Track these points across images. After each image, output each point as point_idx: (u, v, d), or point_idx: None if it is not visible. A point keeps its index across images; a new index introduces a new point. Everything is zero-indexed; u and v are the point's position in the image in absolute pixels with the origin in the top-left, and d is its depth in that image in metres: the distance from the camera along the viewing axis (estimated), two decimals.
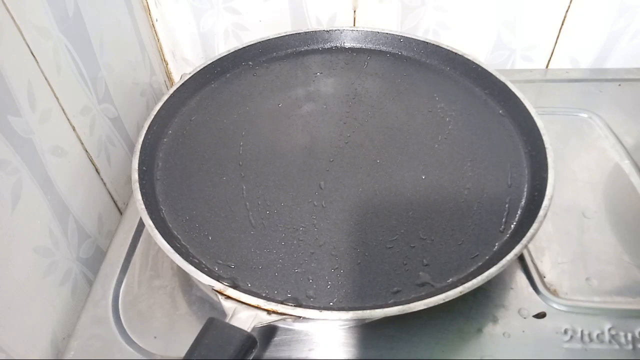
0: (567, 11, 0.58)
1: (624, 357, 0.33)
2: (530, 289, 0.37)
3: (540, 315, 0.35)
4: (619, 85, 0.57)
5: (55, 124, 0.40)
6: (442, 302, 0.30)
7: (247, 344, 0.28)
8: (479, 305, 0.36)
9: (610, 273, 0.38)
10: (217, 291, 0.31)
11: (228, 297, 0.31)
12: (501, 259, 0.31)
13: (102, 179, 0.47)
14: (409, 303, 0.30)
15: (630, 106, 0.54)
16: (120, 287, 0.40)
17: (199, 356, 0.27)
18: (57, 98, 0.40)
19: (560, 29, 0.59)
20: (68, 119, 0.41)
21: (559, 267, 0.38)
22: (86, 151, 0.44)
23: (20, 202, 0.35)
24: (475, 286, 0.30)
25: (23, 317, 0.35)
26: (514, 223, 0.36)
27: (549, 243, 0.40)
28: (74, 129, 0.42)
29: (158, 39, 0.63)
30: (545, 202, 0.35)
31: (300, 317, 0.30)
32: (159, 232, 0.34)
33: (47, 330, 0.38)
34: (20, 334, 0.35)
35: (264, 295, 0.32)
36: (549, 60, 0.63)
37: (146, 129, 0.42)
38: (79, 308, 0.39)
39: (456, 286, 0.31)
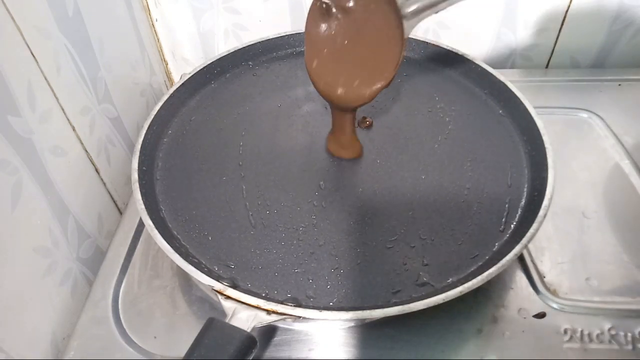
0: (567, 11, 0.58)
1: (624, 357, 0.33)
2: (530, 289, 0.37)
3: (540, 315, 0.35)
4: (619, 85, 0.57)
5: (55, 124, 0.40)
6: (442, 302, 0.30)
7: (247, 344, 0.28)
8: (478, 305, 0.36)
9: (610, 273, 0.38)
10: (216, 291, 0.31)
11: (228, 297, 0.31)
12: (501, 259, 0.31)
13: (102, 179, 0.47)
14: (408, 303, 0.30)
15: (630, 106, 0.54)
16: (120, 287, 0.40)
17: (198, 356, 0.27)
18: (57, 98, 0.40)
19: (560, 28, 0.59)
20: (68, 119, 0.41)
21: (558, 267, 0.38)
22: (86, 151, 0.44)
23: (20, 202, 0.35)
24: (475, 286, 0.30)
25: (23, 317, 0.35)
26: (514, 223, 0.36)
27: (548, 243, 0.40)
28: (73, 129, 0.42)
29: (158, 39, 0.64)
30: (545, 202, 0.35)
31: (300, 317, 0.30)
32: (159, 232, 0.34)
33: (47, 330, 0.38)
34: (20, 334, 0.35)
35: (263, 295, 0.32)
36: (549, 60, 0.63)
37: (146, 129, 0.42)
38: (79, 308, 0.39)
39: (456, 286, 0.31)
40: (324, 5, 0.34)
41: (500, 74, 0.46)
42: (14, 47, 0.35)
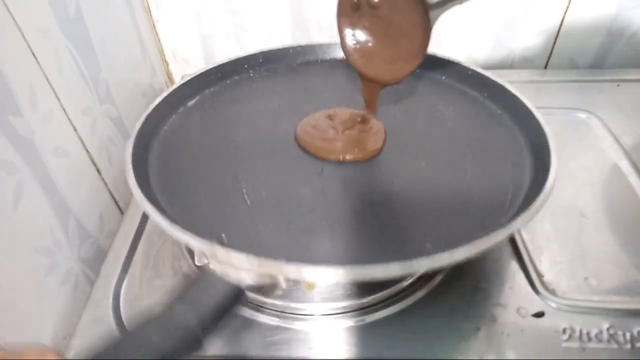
0: (565, 12, 0.58)
1: (623, 356, 0.33)
2: (529, 288, 0.37)
3: (539, 315, 0.36)
4: (618, 85, 0.57)
5: (57, 124, 0.40)
6: (446, 263, 0.28)
7: (232, 292, 0.27)
8: (477, 305, 0.36)
9: (608, 272, 0.38)
10: (204, 254, 0.29)
11: (216, 260, 0.29)
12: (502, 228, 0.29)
13: (103, 179, 0.47)
14: (408, 260, 0.28)
15: (628, 106, 0.54)
16: (121, 286, 0.40)
17: (183, 302, 0.26)
18: (58, 99, 0.40)
19: (559, 29, 0.59)
20: (69, 120, 0.42)
21: (557, 267, 0.38)
22: (87, 151, 0.44)
23: (22, 202, 0.35)
24: (470, 253, 0.28)
25: (24, 317, 0.35)
26: (519, 203, 0.35)
27: (547, 242, 0.40)
28: (75, 130, 0.42)
29: (159, 40, 0.64)
30: (550, 181, 0.34)
31: (294, 277, 0.28)
32: (148, 200, 0.32)
33: (48, 329, 0.38)
34: (21, 333, 0.35)
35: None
36: (548, 61, 0.63)
37: (144, 119, 0.41)
38: (80, 307, 0.39)
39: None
40: (355, 0, 0.37)
41: (495, 76, 0.46)
42: (16, 48, 0.35)
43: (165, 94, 0.45)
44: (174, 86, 0.47)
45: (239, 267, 0.28)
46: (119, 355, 0.23)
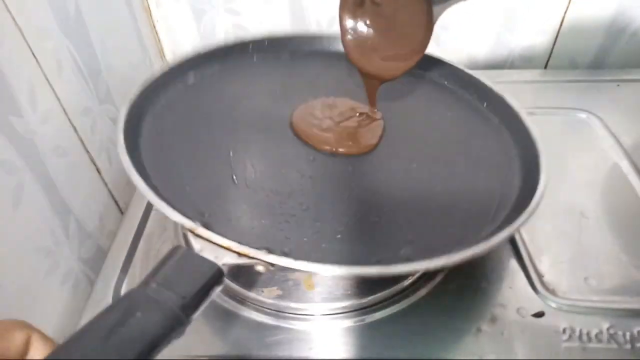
0: (565, 12, 0.58)
1: (623, 356, 0.33)
2: (529, 289, 0.37)
3: (539, 315, 0.36)
4: (618, 85, 0.57)
5: (57, 124, 0.40)
6: (424, 269, 0.29)
7: (213, 273, 0.27)
8: (477, 305, 0.36)
9: (608, 272, 0.38)
10: (188, 230, 0.29)
11: (198, 236, 0.29)
12: (490, 237, 0.30)
13: (103, 179, 0.47)
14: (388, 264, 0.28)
15: (628, 106, 0.54)
16: (121, 286, 0.40)
17: (160, 278, 0.25)
18: (58, 98, 0.40)
19: (559, 29, 0.59)
20: (69, 120, 0.42)
21: (557, 267, 0.38)
22: (87, 151, 0.44)
23: (22, 202, 0.35)
24: (460, 261, 0.29)
25: (24, 317, 0.35)
26: (506, 213, 0.35)
27: (547, 243, 0.40)
28: (75, 130, 0.42)
29: (159, 40, 0.64)
30: (540, 189, 0.34)
31: (272, 265, 0.28)
32: (137, 172, 0.32)
33: (48, 330, 0.38)
34: None
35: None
36: (548, 61, 0.63)
37: (139, 90, 0.40)
38: (81, 308, 0.39)
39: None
40: None
41: (493, 84, 0.45)
42: (15, 48, 0.35)
43: (163, 69, 0.44)
44: (172, 62, 0.45)
45: (218, 245, 0.28)
46: (107, 326, 0.23)
